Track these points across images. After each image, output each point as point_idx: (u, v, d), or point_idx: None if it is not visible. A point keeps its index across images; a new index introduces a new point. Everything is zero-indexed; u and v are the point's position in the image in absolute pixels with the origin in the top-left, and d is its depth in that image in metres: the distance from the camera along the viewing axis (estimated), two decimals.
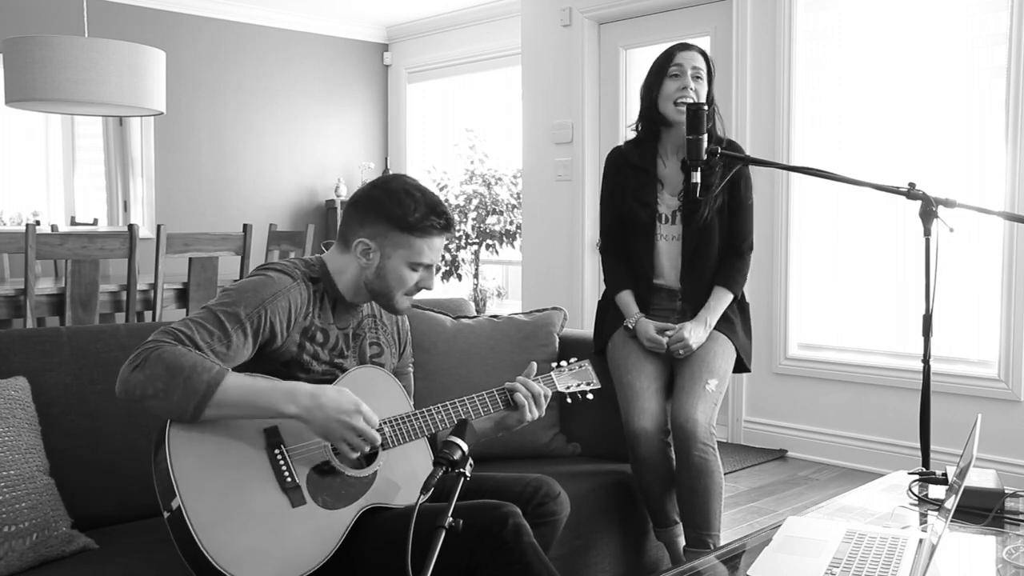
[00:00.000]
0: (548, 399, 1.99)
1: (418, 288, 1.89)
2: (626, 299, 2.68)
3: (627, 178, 2.68)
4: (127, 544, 1.85)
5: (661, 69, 2.62)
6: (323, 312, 1.86)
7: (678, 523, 2.53)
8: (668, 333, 2.58)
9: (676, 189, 2.65)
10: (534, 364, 2.03)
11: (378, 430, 1.81)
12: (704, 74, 2.61)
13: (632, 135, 2.75)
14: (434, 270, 1.90)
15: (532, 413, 1.95)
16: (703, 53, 2.65)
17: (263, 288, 1.76)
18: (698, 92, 2.58)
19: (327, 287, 1.88)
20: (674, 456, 2.50)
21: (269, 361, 1.78)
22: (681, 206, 2.64)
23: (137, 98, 4.29)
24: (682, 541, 2.52)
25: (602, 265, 2.79)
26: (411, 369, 2.14)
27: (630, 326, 2.63)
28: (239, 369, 1.73)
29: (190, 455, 1.63)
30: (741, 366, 2.67)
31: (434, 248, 1.86)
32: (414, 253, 1.84)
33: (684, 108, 2.53)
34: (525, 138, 5.65)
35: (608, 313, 2.73)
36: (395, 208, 1.82)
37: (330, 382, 1.82)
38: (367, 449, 1.73)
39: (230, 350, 1.70)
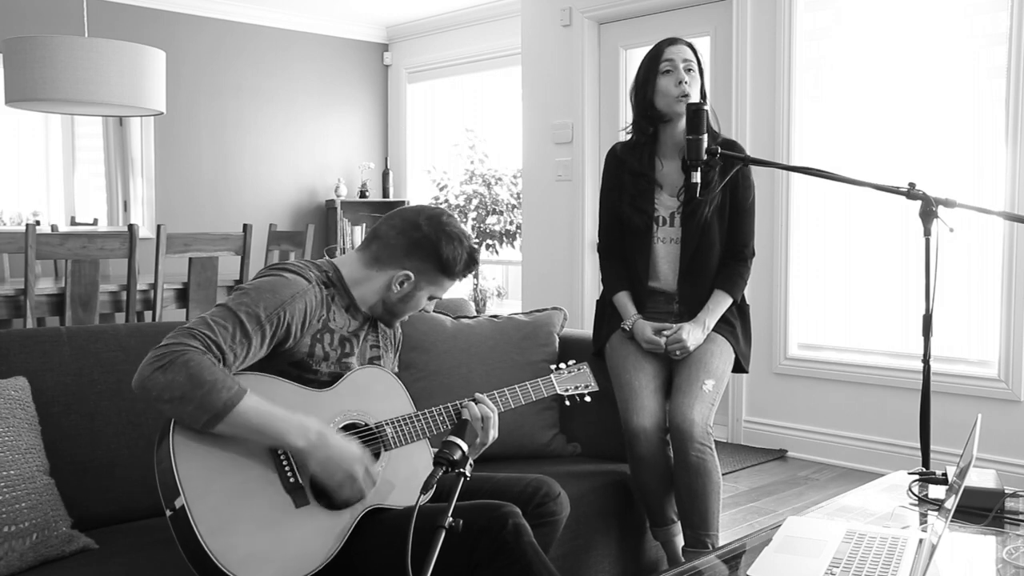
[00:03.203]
0: (495, 423, 1.96)
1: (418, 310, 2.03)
2: (623, 300, 2.67)
3: (624, 181, 2.65)
4: (127, 544, 1.85)
5: (652, 66, 2.58)
6: (332, 314, 1.88)
7: (675, 522, 2.53)
8: (665, 333, 2.57)
9: (675, 190, 2.62)
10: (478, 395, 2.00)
11: (379, 430, 1.83)
12: (695, 66, 2.57)
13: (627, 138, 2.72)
14: None
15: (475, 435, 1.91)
16: (691, 46, 2.60)
17: (281, 289, 1.77)
18: (692, 85, 2.55)
19: (339, 292, 1.90)
20: (672, 456, 2.50)
21: (279, 360, 1.79)
22: (680, 207, 2.61)
23: (137, 98, 4.29)
24: (679, 540, 2.52)
25: (600, 266, 2.78)
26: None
27: (627, 327, 2.62)
28: (251, 367, 1.75)
29: (194, 453, 1.63)
30: (738, 366, 2.66)
31: (453, 286, 2.02)
32: (440, 289, 1.98)
33: (685, 102, 2.51)
34: (525, 138, 5.65)
35: (607, 314, 2.72)
36: (449, 254, 1.92)
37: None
38: (356, 498, 1.73)
39: (249, 351, 1.71)
